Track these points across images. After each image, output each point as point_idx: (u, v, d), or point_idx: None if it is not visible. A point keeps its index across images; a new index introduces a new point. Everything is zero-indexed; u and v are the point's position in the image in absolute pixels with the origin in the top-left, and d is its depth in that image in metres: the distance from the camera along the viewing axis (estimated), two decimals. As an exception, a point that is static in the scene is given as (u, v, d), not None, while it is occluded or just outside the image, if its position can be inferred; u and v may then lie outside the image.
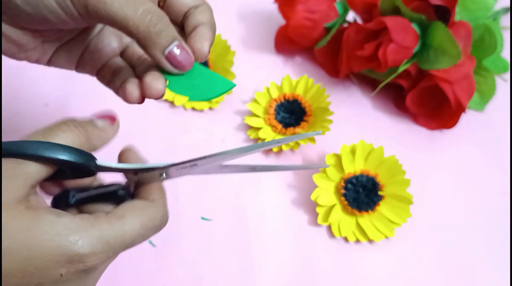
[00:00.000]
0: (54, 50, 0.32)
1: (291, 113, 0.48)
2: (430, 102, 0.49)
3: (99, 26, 0.33)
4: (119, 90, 0.32)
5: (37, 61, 0.32)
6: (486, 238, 0.43)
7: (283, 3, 0.51)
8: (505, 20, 0.56)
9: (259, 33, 0.56)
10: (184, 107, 0.50)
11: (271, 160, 0.47)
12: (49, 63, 0.32)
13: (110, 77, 0.33)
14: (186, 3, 0.30)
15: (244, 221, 0.43)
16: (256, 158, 0.47)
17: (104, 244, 0.24)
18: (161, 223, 0.28)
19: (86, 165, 0.27)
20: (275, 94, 0.48)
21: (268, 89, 0.49)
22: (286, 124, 0.47)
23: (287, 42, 0.53)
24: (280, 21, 0.54)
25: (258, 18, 0.58)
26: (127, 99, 0.30)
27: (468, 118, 0.50)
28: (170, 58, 0.28)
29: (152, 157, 0.46)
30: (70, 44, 0.32)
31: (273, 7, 0.56)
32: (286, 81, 0.48)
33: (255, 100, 0.49)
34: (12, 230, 0.23)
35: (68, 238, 0.23)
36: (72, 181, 0.30)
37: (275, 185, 0.45)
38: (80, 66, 0.33)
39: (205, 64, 0.49)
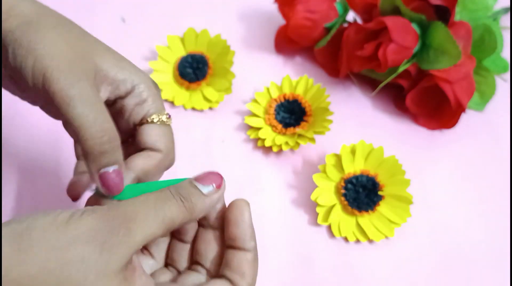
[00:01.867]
0: (44, 104, 0.32)
1: (291, 113, 0.48)
2: (430, 102, 0.49)
3: None
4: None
5: (31, 103, 0.32)
6: (486, 238, 0.43)
7: (283, 3, 0.51)
8: (505, 20, 0.56)
9: (259, 33, 0.56)
10: (184, 107, 0.50)
11: (271, 160, 0.47)
12: (42, 109, 0.33)
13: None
14: (149, 143, 0.30)
15: (244, 221, 0.43)
16: (256, 157, 0.47)
17: None
18: None
19: None
20: (275, 94, 0.48)
21: (268, 89, 0.49)
22: (286, 124, 0.47)
23: (287, 42, 0.53)
24: (280, 21, 0.54)
25: (258, 18, 0.58)
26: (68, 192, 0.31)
27: (468, 118, 0.50)
28: (102, 178, 0.27)
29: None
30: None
31: (273, 7, 0.56)
32: (286, 81, 0.48)
33: (255, 100, 0.49)
34: None
35: None
36: None
37: (275, 185, 0.45)
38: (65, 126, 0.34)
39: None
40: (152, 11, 0.57)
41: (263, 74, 0.52)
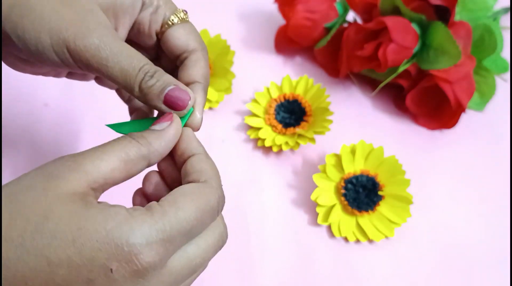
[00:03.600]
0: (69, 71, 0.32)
1: (291, 113, 0.48)
2: (430, 102, 0.49)
3: None
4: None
5: (55, 77, 0.32)
6: (486, 238, 0.43)
7: (283, 3, 0.51)
8: (505, 20, 0.56)
9: (259, 33, 0.56)
10: (184, 107, 0.50)
11: (271, 160, 0.47)
12: (67, 77, 0.33)
13: (129, 97, 0.34)
14: (181, 46, 0.29)
15: (244, 221, 0.43)
16: (256, 157, 0.47)
17: (159, 233, 0.22)
18: (218, 204, 0.25)
19: None
20: (275, 94, 0.48)
21: (268, 89, 0.49)
22: (286, 124, 0.47)
23: (287, 42, 0.53)
24: (280, 21, 0.54)
25: (258, 18, 0.58)
26: None
27: (468, 118, 0.50)
28: (167, 101, 0.27)
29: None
30: None
31: (273, 7, 0.56)
32: (286, 81, 0.48)
33: (255, 100, 0.49)
34: (59, 213, 0.21)
35: (121, 228, 0.21)
36: None
37: (275, 185, 0.45)
38: (99, 81, 0.34)
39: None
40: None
41: (263, 74, 0.52)
